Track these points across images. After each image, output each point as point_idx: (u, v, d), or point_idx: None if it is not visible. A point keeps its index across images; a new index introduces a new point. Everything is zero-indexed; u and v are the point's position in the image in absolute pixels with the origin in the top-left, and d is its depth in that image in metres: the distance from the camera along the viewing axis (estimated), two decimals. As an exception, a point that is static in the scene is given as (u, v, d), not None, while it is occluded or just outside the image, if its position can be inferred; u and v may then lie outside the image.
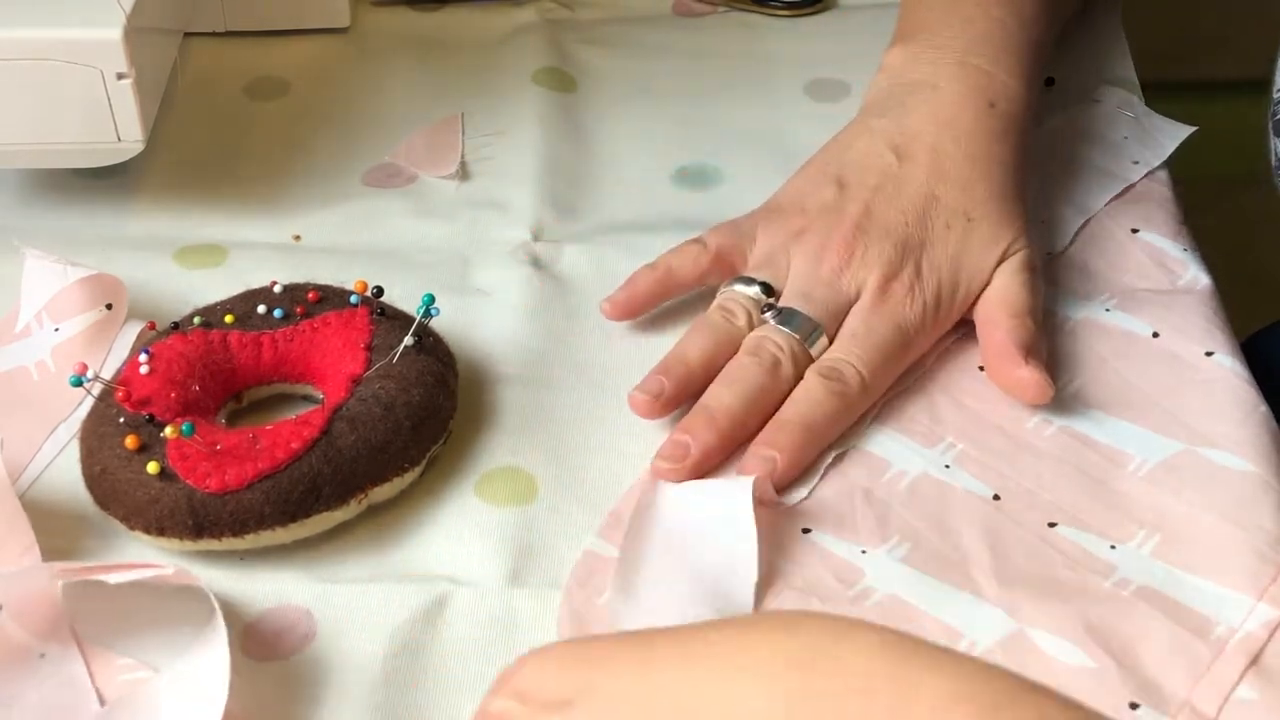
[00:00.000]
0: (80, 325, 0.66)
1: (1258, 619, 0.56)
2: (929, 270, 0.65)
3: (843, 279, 0.65)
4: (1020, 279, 0.65)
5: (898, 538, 0.59)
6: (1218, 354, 0.66)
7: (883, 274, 0.64)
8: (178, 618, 0.56)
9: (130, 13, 0.68)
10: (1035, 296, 0.65)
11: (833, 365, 0.62)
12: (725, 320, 0.65)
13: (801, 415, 0.61)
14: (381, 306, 0.64)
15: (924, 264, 0.65)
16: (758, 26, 0.88)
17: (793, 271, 0.65)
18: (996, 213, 0.66)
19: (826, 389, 0.62)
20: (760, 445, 0.61)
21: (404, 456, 0.60)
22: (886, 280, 0.64)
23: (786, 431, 0.61)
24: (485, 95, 0.83)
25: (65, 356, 0.65)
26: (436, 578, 0.59)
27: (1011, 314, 0.64)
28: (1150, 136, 0.77)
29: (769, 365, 0.62)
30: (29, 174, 0.77)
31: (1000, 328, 0.64)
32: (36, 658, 0.55)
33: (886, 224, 0.66)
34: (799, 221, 0.67)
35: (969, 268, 0.65)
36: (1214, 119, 0.86)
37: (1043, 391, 0.62)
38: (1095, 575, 0.58)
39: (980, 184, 0.67)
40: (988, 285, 0.65)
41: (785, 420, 0.61)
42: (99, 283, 0.67)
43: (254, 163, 0.78)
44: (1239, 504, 0.59)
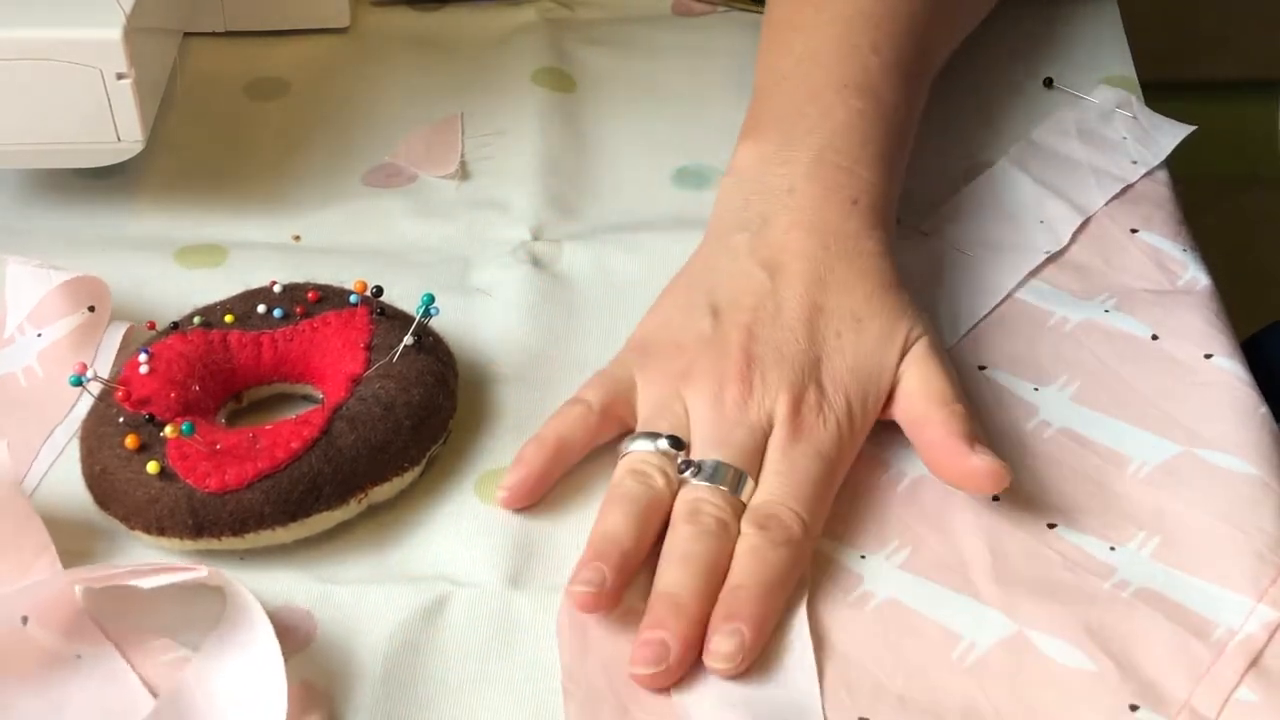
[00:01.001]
0: (64, 329, 0.65)
1: (1258, 620, 0.56)
2: (832, 386, 0.61)
3: (749, 414, 0.60)
4: (931, 366, 0.61)
5: (897, 541, 0.59)
6: (1217, 356, 0.66)
7: (789, 399, 0.60)
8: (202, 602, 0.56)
9: (130, 13, 0.68)
10: (952, 381, 0.61)
11: (769, 514, 0.58)
12: (642, 485, 0.59)
13: (756, 579, 0.56)
14: (381, 306, 0.64)
15: (825, 380, 0.61)
16: (757, 26, 0.88)
17: (694, 418, 0.61)
18: (883, 308, 0.63)
19: (771, 542, 0.57)
20: (722, 620, 0.55)
21: (404, 456, 0.60)
22: (794, 406, 0.60)
23: (745, 600, 0.56)
24: (485, 95, 0.83)
25: (53, 361, 0.65)
26: (436, 578, 0.59)
27: (939, 404, 0.60)
28: (1149, 136, 0.77)
29: (714, 529, 0.58)
30: (29, 174, 0.77)
31: (933, 422, 0.60)
32: (73, 659, 0.54)
33: (776, 345, 0.61)
34: (680, 361, 0.62)
35: (870, 371, 0.61)
36: (1214, 119, 0.86)
37: (1000, 478, 0.58)
38: (1095, 577, 0.58)
39: (859, 283, 0.63)
40: (898, 383, 0.62)
41: (740, 585, 0.56)
42: (81, 285, 0.66)
43: (254, 163, 0.78)
44: (1238, 506, 0.59)
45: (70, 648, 0.55)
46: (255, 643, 0.54)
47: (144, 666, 0.55)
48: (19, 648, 0.54)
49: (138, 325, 0.67)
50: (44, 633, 0.55)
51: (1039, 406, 0.64)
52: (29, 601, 0.55)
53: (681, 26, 0.89)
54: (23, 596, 0.55)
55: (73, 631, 0.55)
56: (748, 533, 0.58)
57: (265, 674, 0.53)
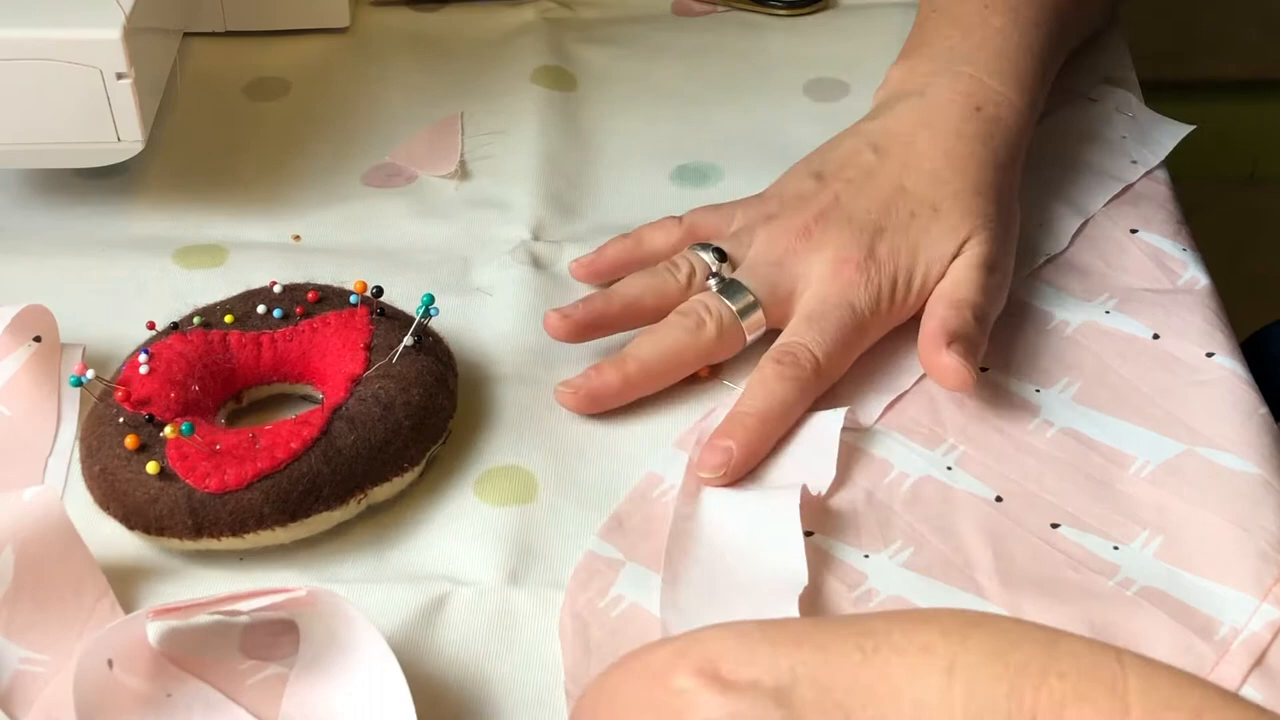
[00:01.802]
0: (15, 364, 0.64)
1: (1262, 619, 0.56)
2: (886, 255, 0.65)
3: (795, 263, 0.65)
4: (970, 275, 0.65)
5: (901, 541, 0.59)
6: (1218, 355, 0.66)
7: (834, 255, 0.65)
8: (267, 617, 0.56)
9: (130, 13, 0.68)
10: (980, 294, 0.65)
11: (786, 349, 0.63)
12: (667, 271, 0.67)
13: (757, 407, 0.62)
14: (381, 306, 0.64)
15: (881, 249, 0.65)
16: (757, 26, 0.88)
17: (752, 250, 0.67)
18: (962, 206, 0.66)
19: (779, 375, 0.62)
20: (717, 436, 0.61)
21: (403, 456, 0.60)
22: (838, 262, 0.65)
23: (741, 423, 0.61)
24: (485, 95, 0.83)
25: (16, 398, 0.64)
26: (436, 578, 0.59)
27: (949, 304, 0.64)
28: (1149, 136, 0.77)
29: (692, 325, 0.64)
30: (29, 174, 0.77)
31: (934, 316, 0.64)
32: (164, 698, 0.54)
33: (850, 211, 0.66)
34: (771, 207, 0.68)
35: (926, 256, 0.65)
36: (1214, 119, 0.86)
37: (960, 378, 0.62)
38: (1098, 576, 0.58)
39: (951, 178, 0.67)
40: (942, 278, 0.65)
41: (741, 412, 0.62)
42: (23, 318, 0.65)
43: (254, 163, 0.78)
44: (1241, 505, 0.59)
45: (158, 687, 0.54)
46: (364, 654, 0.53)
47: (239, 693, 0.54)
48: (111, 694, 0.53)
49: (91, 346, 0.67)
50: (130, 676, 0.54)
51: (1041, 407, 0.64)
52: (112, 646, 0.54)
53: (681, 26, 0.89)
54: (107, 640, 0.53)
55: (155, 671, 0.54)
56: (763, 364, 0.63)
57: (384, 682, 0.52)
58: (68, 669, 0.53)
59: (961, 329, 0.63)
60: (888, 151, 0.68)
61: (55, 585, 0.55)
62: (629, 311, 0.66)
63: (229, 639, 0.56)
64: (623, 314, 0.66)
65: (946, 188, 0.67)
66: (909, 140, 0.68)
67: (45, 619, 0.55)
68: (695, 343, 0.64)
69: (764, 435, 0.62)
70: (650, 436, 0.64)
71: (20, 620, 0.54)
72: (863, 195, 0.67)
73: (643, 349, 0.64)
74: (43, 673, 0.54)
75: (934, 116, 0.69)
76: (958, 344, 0.62)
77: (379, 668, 0.52)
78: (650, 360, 0.64)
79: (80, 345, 0.67)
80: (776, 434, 0.62)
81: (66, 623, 0.55)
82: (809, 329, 0.63)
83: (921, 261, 0.65)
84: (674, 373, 0.65)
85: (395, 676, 0.52)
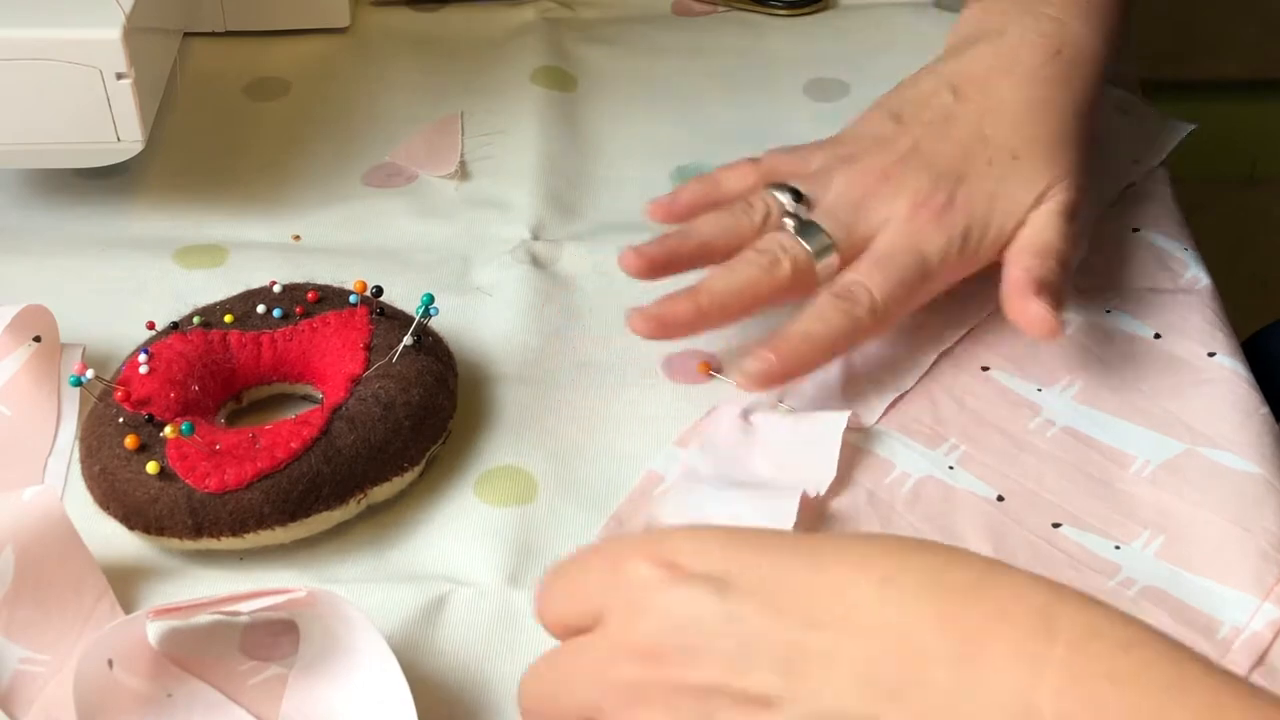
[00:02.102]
0: (15, 364, 0.64)
1: (1263, 619, 0.56)
2: (963, 201, 0.64)
3: (873, 206, 0.65)
4: (1054, 223, 0.64)
5: (901, 538, 0.59)
6: (1219, 355, 0.66)
7: (911, 201, 0.64)
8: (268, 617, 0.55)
9: (130, 13, 0.68)
10: (1065, 241, 0.64)
11: (846, 286, 0.63)
12: (743, 211, 0.66)
13: (806, 328, 0.62)
14: (381, 306, 0.64)
15: (959, 196, 0.64)
16: (757, 26, 0.88)
17: (831, 192, 0.66)
18: (1043, 154, 0.65)
19: (835, 307, 0.62)
20: (760, 348, 0.61)
21: (403, 456, 0.60)
22: (915, 206, 0.64)
23: (787, 339, 0.62)
24: (485, 95, 0.83)
25: (16, 399, 0.64)
26: (436, 578, 0.59)
27: (1035, 253, 0.64)
28: (1150, 135, 0.77)
29: (767, 264, 0.63)
30: (29, 174, 0.77)
31: (1018, 265, 0.64)
32: (165, 698, 0.54)
33: (929, 157, 0.65)
34: (852, 148, 0.67)
35: (1004, 205, 0.65)
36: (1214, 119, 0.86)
37: (1049, 327, 0.62)
38: (1099, 575, 0.58)
39: (1031, 125, 0.66)
40: (1021, 227, 0.65)
41: (790, 330, 0.62)
42: (23, 318, 0.65)
43: (254, 163, 0.78)
44: (1243, 505, 0.59)
45: (158, 687, 0.54)
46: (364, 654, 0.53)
47: (239, 693, 0.54)
48: (111, 694, 0.53)
49: (91, 346, 0.67)
50: (130, 676, 0.54)
51: (1042, 406, 0.64)
52: (112, 647, 0.53)
53: (681, 26, 0.89)
54: (107, 641, 0.53)
55: (155, 671, 0.54)
56: (822, 296, 0.63)
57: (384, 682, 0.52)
58: (68, 669, 0.53)
59: (1048, 278, 0.63)
60: (966, 95, 0.67)
61: (55, 585, 0.55)
62: (703, 250, 0.65)
63: (230, 639, 0.55)
64: (697, 252, 0.65)
65: (1026, 135, 0.66)
66: (988, 83, 0.67)
67: (45, 619, 0.55)
68: (770, 280, 0.64)
69: (806, 358, 0.62)
70: (650, 436, 0.64)
71: (20, 620, 0.54)
72: (943, 140, 0.66)
73: (717, 282, 0.64)
74: (43, 672, 0.54)
75: (1014, 59, 0.67)
76: (1046, 293, 0.62)
77: (379, 668, 0.52)
78: (723, 293, 0.63)
79: (80, 345, 0.66)
80: (818, 363, 0.62)
81: (66, 623, 0.55)
82: (875, 271, 0.63)
83: (999, 210, 0.64)
84: (746, 308, 0.64)
85: (396, 677, 0.52)
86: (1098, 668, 0.42)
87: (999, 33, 0.69)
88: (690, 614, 0.45)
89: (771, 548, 0.46)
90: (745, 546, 0.46)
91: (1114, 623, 0.43)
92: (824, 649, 0.44)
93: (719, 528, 0.48)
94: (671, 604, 0.45)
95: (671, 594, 0.45)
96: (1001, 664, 0.42)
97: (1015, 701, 0.42)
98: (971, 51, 0.69)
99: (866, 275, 0.63)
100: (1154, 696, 0.41)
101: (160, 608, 0.54)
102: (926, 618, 0.43)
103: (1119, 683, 0.41)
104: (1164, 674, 0.41)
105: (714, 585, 0.45)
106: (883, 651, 0.43)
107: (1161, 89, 0.88)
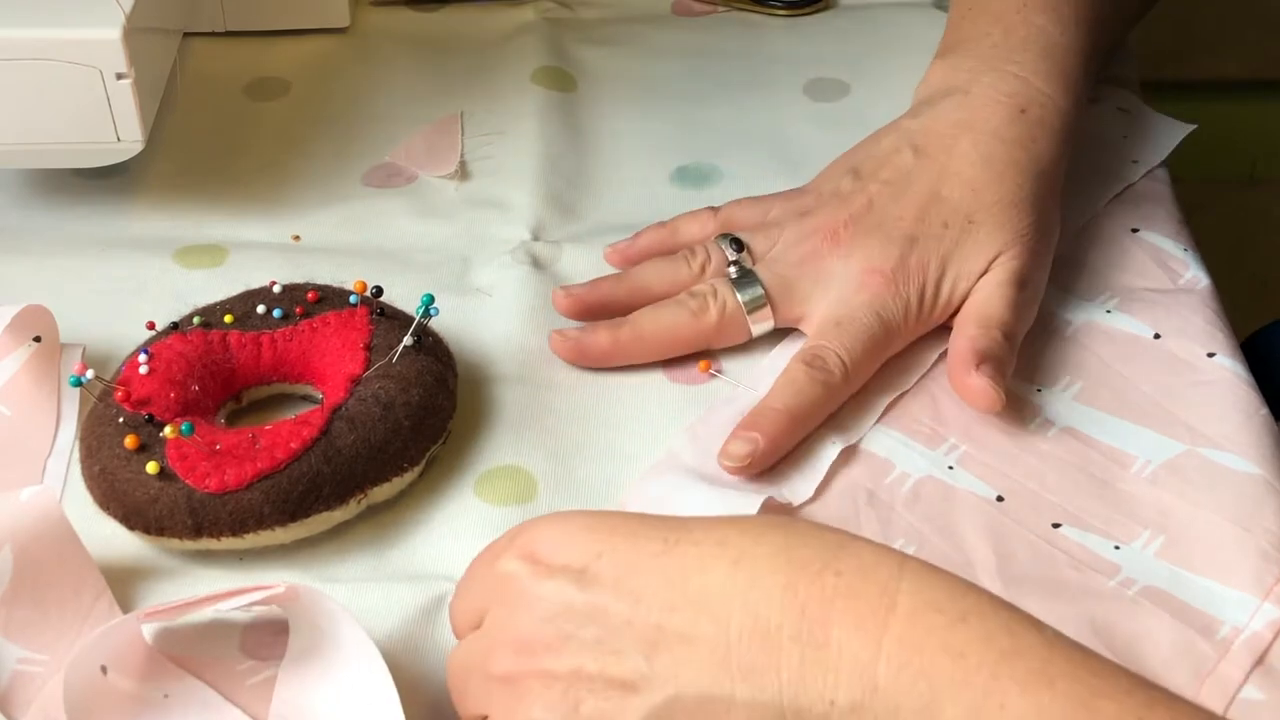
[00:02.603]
0: (16, 364, 0.64)
1: (1263, 619, 0.55)
2: (915, 266, 0.64)
3: (818, 265, 0.65)
4: (1001, 292, 0.64)
5: (902, 541, 0.59)
6: (1219, 355, 0.65)
7: (863, 265, 0.64)
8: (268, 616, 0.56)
9: (130, 13, 0.68)
10: (1011, 311, 0.64)
11: (816, 353, 0.63)
12: (683, 259, 0.67)
13: (786, 403, 0.62)
14: (381, 306, 0.64)
15: (911, 260, 0.65)
16: (757, 26, 0.88)
17: (778, 245, 0.67)
18: (998, 219, 0.65)
19: (809, 376, 0.62)
20: (743, 428, 0.61)
21: (403, 456, 0.60)
22: (867, 271, 0.64)
23: (770, 417, 0.61)
24: (485, 95, 0.82)
25: (16, 398, 0.64)
26: (436, 577, 0.59)
27: (979, 323, 0.63)
28: (1150, 135, 0.77)
29: (697, 308, 0.65)
30: (29, 174, 0.77)
31: (963, 335, 0.64)
32: (161, 699, 0.54)
33: (882, 217, 0.66)
34: (809, 201, 0.68)
35: (955, 270, 0.65)
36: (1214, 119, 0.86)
37: (989, 400, 0.62)
38: (1099, 575, 0.58)
39: (989, 188, 0.66)
40: (971, 294, 0.65)
41: (769, 407, 0.62)
42: (23, 318, 0.65)
43: (254, 163, 0.78)
44: (1243, 505, 0.59)
45: (154, 689, 0.54)
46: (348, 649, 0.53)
47: (237, 693, 0.54)
48: (105, 699, 0.53)
49: (91, 346, 0.67)
50: (125, 679, 0.54)
51: (1042, 407, 0.64)
52: (105, 650, 0.53)
53: (681, 26, 0.89)
54: (99, 645, 0.53)
55: (152, 672, 0.54)
56: (793, 365, 0.63)
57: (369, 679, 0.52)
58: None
59: (991, 348, 0.63)
60: (927, 153, 0.67)
61: (53, 585, 0.55)
62: (636, 295, 0.67)
63: (229, 639, 0.55)
64: (630, 297, 0.67)
65: (983, 198, 0.66)
66: (950, 142, 0.67)
67: (43, 619, 0.55)
68: (694, 324, 0.65)
69: (790, 432, 0.62)
70: (650, 436, 0.64)
71: (18, 620, 0.54)
72: (897, 201, 0.66)
73: (641, 319, 0.65)
74: (41, 672, 0.54)
75: (976, 117, 0.68)
76: (987, 364, 0.62)
77: (364, 662, 0.52)
78: (645, 331, 0.65)
79: (80, 345, 0.66)
80: (801, 433, 0.62)
81: (65, 623, 0.55)
82: (838, 335, 0.63)
83: (950, 275, 0.65)
84: (667, 348, 0.65)
85: (379, 670, 0.52)
86: (933, 640, 0.44)
87: (964, 90, 0.69)
88: (555, 606, 0.48)
89: (633, 533, 0.49)
90: (608, 532, 0.49)
91: (954, 595, 0.45)
92: (682, 631, 0.46)
93: (584, 514, 0.50)
94: (536, 597, 0.48)
95: (538, 588, 0.48)
96: (845, 639, 0.44)
97: (858, 677, 0.44)
98: (935, 108, 0.69)
99: (832, 339, 0.63)
100: (988, 667, 0.43)
101: (148, 610, 0.54)
102: (775, 596, 0.45)
103: (954, 654, 0.44)
104: (999, 644, 0.44)
105: (574, 576, 0.48)
106: (737, 631, 0.45)
107: (1161, 89, 0.88)
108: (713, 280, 0.66)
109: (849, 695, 0.44)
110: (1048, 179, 0.67)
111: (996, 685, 0.43)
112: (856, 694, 0.44)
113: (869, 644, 0.44)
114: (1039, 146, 0.67)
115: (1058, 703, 0.43)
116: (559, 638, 0.47)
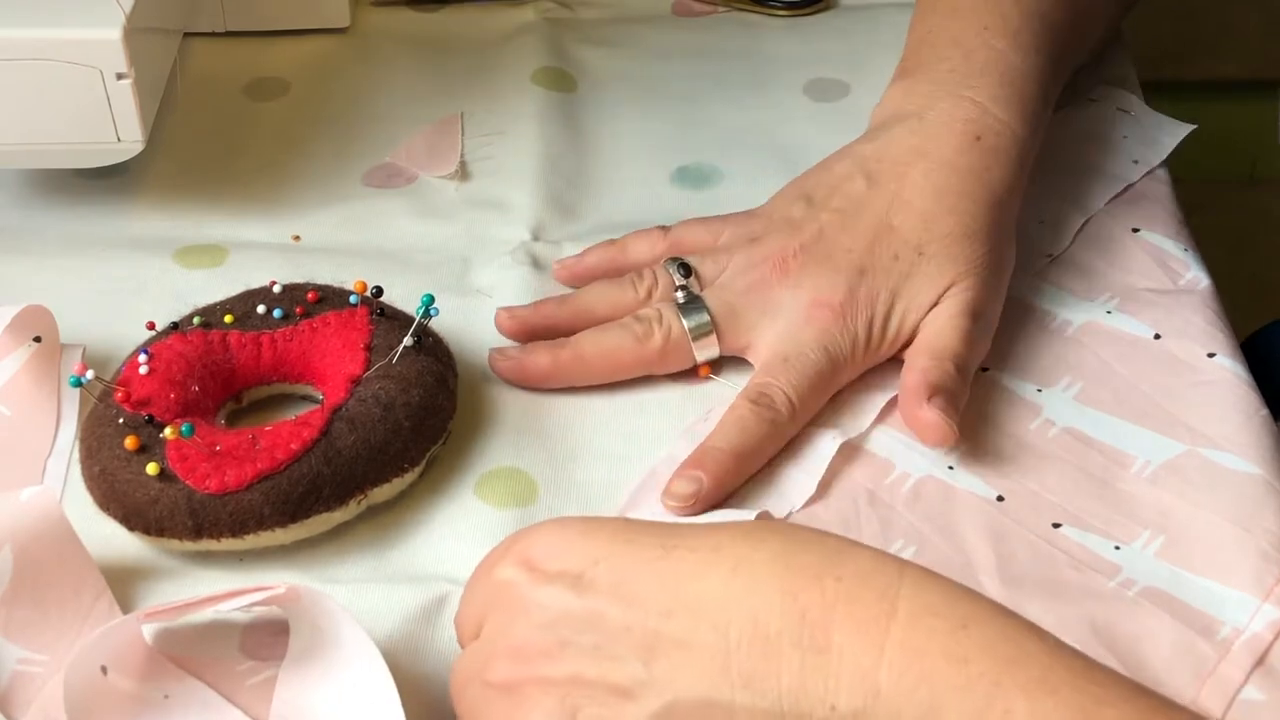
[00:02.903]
0: (16, 364, 0.64)
1: (1263, 619, 0.55)
2: (864, 299, 0.63)
3: (765, 294, 0.64)
4: (953, 324, 0.63)
5: (902, 541, 0.59)
6: (1219, 355, 0.65)
7: (811, 297, 0.63)
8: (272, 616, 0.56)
9: (130, 13, 0.68)
10: (963, 343, 0.63)
11: (763, 390, 0.62)
12: (630, 282, 0.67)
13: (731, 443, 0.60)
14: (381, 307, 0.64)
15: (860, 292, 0.63)
16: (757, 26, 0.88)
17: (726, 271, 0.66)
18: (949, 249, 0.64)
19: (755, 414, 0.61)
20: (688, 467, 0.60)
21: (403, 457, 0.60)
22: (814, 304, 0.63)
23: (715, 456, 0.60)
24: (485, 95, 0.82)
25: (16, 398, 0.64)
26: (436, 578, 0.58)
27: (931, 355, 0.62)
28: (1150, 135, 0.77)
29: (640, 333, 0.64)
30: (29, 174, 0.77)
31: (914, 368, 0.62)
32: (161, 700, 0.54)
33: (832, 247, 0.64)
34: (759, 227, 0.67)
35: (905, 302, 0.64)
36: (1214, 119, 0.86)
37: (940, 434, 0.60)
38: (1100, 576, 0.58)
39: (940, 217, 0.65)
40: (922, 326, 0.64)
41: (714, 446, 0.61)
42: (23, 318, 0.65)
43: (254, 163, 0.78)
44: (1243, 505, 0.59)
45: (155, 689, 0.54)
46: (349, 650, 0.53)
47: (238, 694, 0.54)
48: (105, 699, 0.53)
49: (91, 346, 0.67)
50: (125, 680, 0.54)
51: (1042, 407, 0.64)
52: (105, 650, 0.53)
53: (681, 26, 0.89)
54: (99, 646, 0.53)
55: (152, 673, 0.54)
56: (739, 404, 0.62)
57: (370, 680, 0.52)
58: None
59: (942, 381, 0.61)
60: (878, 181, 0.66)
61: (53, 585, 0.55)
62: (580, 318, 0.66)
63: (229, 639, 0.55)
64: (573, 320, 0.66)
65: (934, 230, 0.64)
66: (903, 169, 0.66)
67: (43, 619, 0.55)
68: (637, 349, 0.64)
69: (736, 471, 0.60)
70: (649, 437, 0.64)
71: (18, 620, 0.54)
72: (848, 230, 0.65)
73: (584, 342, 0.65)
74: (41, 673, 0.54)
75: (930, 145, 0.66)
76: (939, 397, 0.61)
77: (364, 662, 0.52)
78: (586, 354, 0.64)
79: (80, 345, 0.66)
80: (747, 472, 0.61)
81: (65, 623, 0.55)
82: (784, 371, 0.62)
83: (899, 308, 0.64)
84: (609, 372, 0.65)
85: (380, 670, 0.52)
86: (935, 646, 0.44)
87: (919, 115, 0.67)
88: (552, 612, 0.48)
89: (630, 539, 0.49)
90: (605, 538, 0.49)
91: (954, 601, 0.45)
92: (680, 637, 0.46)
93: (581, 520, 0.50)
94: (534, 604, 0.48)
95: (535, 594, 0.48)
96: (846, 645, 0.44)
97: (860, 682, 0.44)
98: (890, 133, 0.67)
99: (778, 376, 0.62)
100: (990, 674, 0.43)
101: (148, 610, 0.54)
102: (774, 602, 0.45)
103: (956, 660, 0.44)
104: (1000, 651, 0.44)
105: (572, 582, 0.48)
106: (736, 637, 0.45)
107: (1161, 89, 0.88)
108: (659, 305, 0.65)
109: (850, 701, 0.44)
110: (1002, 208, 0.66)
111: (999, 692, 0.43)
112: (858, 699, 0.44)
113: (871, 649, 0.44)
114: (993, 175, 0.66)
115: (1060, 710, 0.43)
116: (557, 644, 0.47)
